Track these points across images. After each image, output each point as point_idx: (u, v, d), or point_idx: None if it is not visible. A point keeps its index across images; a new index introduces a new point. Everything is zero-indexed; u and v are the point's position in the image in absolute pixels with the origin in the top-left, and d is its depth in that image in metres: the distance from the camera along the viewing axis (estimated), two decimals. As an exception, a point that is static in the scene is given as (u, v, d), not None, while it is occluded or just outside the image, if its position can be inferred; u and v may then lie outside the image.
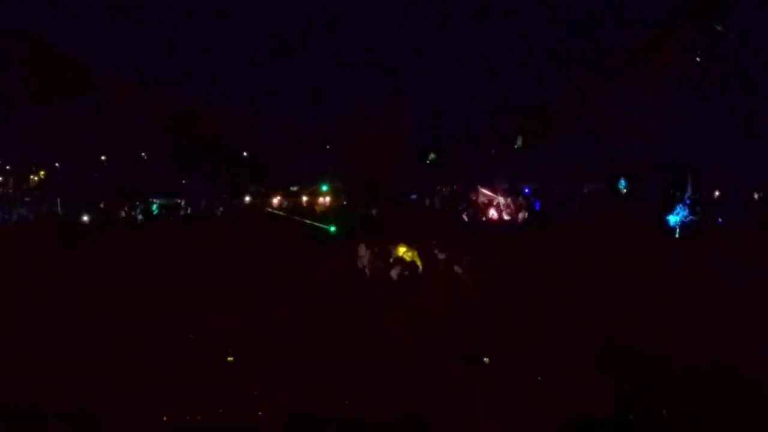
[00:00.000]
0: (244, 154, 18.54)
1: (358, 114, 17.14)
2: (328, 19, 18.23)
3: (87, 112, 17.09)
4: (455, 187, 20.14)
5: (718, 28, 15.72)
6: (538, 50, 17.55)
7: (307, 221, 16.84)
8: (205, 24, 18.28)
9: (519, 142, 18.18)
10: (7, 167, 19.72)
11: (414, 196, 19.89)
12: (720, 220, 18.09)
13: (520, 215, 19.03)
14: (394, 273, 14.16)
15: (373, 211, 17.91)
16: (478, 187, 19.28)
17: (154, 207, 18.87)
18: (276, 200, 19.30)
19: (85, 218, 17.80)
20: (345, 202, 18.79)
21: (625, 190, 18.56)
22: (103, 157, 18.91)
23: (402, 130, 17.13)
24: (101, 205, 18.37)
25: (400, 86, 17.73)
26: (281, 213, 18.21)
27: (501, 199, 19.03)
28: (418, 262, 14.43)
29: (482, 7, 17.99)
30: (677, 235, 17.43)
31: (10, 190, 19.61)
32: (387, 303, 12.45)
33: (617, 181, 18.59)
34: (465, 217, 19.23)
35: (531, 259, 13.83)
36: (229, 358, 8.22)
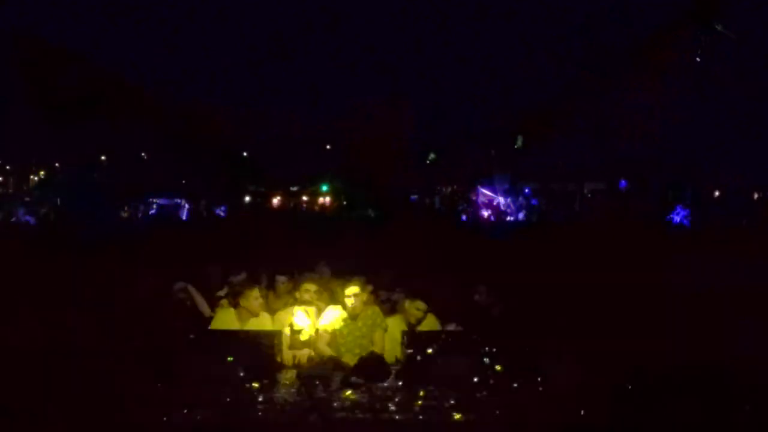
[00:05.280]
0: (244, 154, 18.55)
1: (358, 114, 17.15)
2: (328, 19, 18.25)
3: (87, 112, 17.10)
4: (455, 187, 20.15)
5: (718, 28, 15.72)
6: (538, 50, 17.57)
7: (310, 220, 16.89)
8: (206, 24, 18.31)
9: (519, 142, 18.19)
10: (7, 167, 19.74)
11: (414, 197, 19.89)
12: (722, 219, 18.09)
13: (520, 215, 19.06)
14: None
15: (371, 212, 17.88)
16: (478, 187, 19.30)
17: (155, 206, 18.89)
18: (276, 200, 19.32)
19: (86, 218, 17.79)
20: (345, 202, 18.80)
21: (625, 190, 18.58)
22: (103, 157, 18.92)
23: (402, 130, 17.14)
24: (103, 205, 18.36)
25: (400, 86, 17.76)
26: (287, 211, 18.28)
27: (501, 199, 19.04)
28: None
29: (482, 7, 18.01)
30: (677, 235, 17.42)
31: (10, 190, 19.63)
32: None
33: (617, 181, 18.61)
34: (465, 217, 19.25)
35: (531, 258, 13.80)
36: (229, 358, 8.24)
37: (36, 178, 19.64)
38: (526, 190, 19.49)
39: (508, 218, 18.86)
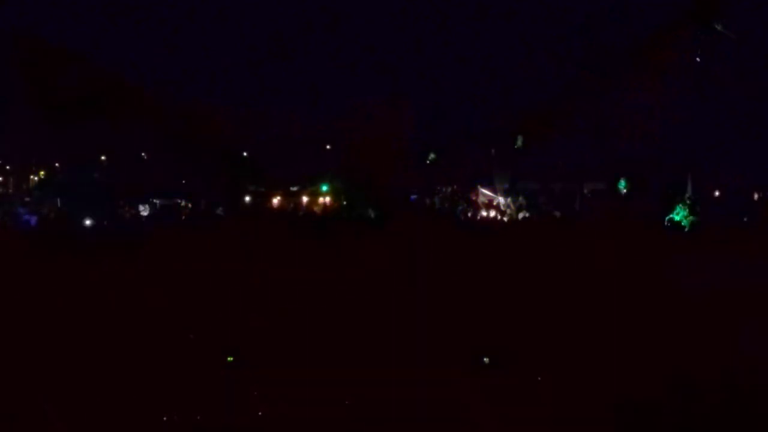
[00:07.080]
0: (244, 154, 18.54)
1: (358, 114, 17.15)
2: (328, 19, 18.24)
3: (87, 112, 17.10)
4: (455, 187, 20.14)
5: (718, 28, 15.73)
6: (538, 50, 17.55)
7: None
8: (205, 24, 18.29)
9: (519, 142, 18.19)
10: (8, 167, 19.74)
11: (414, 196, 19.87)
12: (725, 219, 18.08)
13: (520, 215, 19.04)
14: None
15: (371, 213, 17.85)
16: (478, 187, 19.29)
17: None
18: (276, 200, 19.30)
19: (87, 219, 17.77)
20: (345, 202, 18.78)
21: (625, 190, 18.57)
22: (103, 157, 18.91)
23: (402, 130, 17.14)
24: (105, 205, 18.34)
25: (400, 86, 17.74)
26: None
27: (501, 199, 19.03)
28: None
29: (482, 7, 18.00)
30: (677, 235, 17.43)
31: (11, 190, 19.61)
32: (388, 303, 12.46)
33: (617, 181, 18.60)
34: (464, 217, 19.24)
35: (531, 257, 13.83)
36: (229, 358, 8.17)
37: (36, 178, 19.62)
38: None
39: (505, 218, 18.86)
